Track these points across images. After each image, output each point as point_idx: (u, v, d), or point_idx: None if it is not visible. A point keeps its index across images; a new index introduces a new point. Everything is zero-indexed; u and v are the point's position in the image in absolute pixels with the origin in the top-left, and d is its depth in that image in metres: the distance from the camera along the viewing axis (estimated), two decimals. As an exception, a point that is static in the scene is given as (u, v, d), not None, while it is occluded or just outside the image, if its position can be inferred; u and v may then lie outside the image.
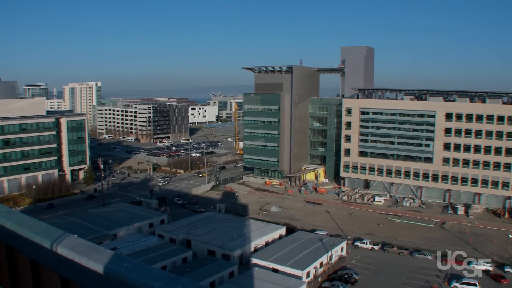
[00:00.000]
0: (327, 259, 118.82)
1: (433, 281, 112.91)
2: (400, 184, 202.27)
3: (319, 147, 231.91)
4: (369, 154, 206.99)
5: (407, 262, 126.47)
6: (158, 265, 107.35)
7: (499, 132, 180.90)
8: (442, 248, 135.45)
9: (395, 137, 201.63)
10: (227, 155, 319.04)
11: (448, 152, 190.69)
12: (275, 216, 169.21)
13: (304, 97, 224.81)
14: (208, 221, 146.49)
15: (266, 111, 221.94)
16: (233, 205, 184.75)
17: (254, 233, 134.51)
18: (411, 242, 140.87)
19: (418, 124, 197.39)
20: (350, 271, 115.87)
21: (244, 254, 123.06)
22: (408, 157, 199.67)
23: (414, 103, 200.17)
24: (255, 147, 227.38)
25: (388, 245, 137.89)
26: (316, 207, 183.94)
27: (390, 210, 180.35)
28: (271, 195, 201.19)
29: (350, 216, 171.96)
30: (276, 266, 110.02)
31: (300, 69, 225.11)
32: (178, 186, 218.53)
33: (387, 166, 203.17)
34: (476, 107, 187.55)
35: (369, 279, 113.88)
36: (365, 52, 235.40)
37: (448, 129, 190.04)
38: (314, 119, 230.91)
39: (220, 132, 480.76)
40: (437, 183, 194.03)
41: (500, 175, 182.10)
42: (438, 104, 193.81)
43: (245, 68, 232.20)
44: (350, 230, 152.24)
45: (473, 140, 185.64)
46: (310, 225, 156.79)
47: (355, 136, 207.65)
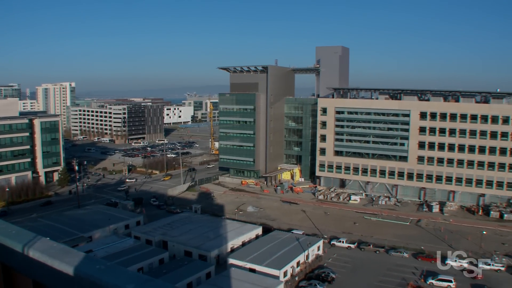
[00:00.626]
0: (304, 258, 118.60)
1: (409, 278, 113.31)
2: (376, 182, 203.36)
3: (294, 147, 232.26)
4: (345, 153, 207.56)
5: (384, 260, 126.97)
6: (135, 267, 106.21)
7: (472, 131, 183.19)
8: (418, 245, 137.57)
9: (370, 136, 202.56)
10: (203, 155, 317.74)
11: (423, 150, 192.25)
12: (252, 216, 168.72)
13: (279, 97, 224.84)
14: (185, 222, 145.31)
15: (241, 111, 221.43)
16: (209, 206, 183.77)
17: (230, 233, 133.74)
18: (387, 240, 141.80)
19: (393, 123, 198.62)
20: (327, 270, 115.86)
21: (221, 254, 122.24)
22: (383, 156, 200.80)
23: (389, 103, 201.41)
24: (230, 147, 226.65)
25: (364, 243, 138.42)
26: (292, 206, 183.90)
27: (366, 209, 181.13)
28: (247, 195, 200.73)
29: (326, 215, 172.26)
30: (253, 266, 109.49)
31: (275, 69, 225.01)
32: (154, 187, 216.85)
33: (362, 165, 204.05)
34: (450, 106, 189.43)
35: (346, 278, 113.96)
36: (340, 52, 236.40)
37: (422, 128, 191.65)
38: (290, 118, 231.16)
39: (195, 133, 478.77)
40: (412, 181, 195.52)
41: (474, 173, 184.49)
42: (413, 103, 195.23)
43: (220, 68, 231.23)
44: (326, 229, 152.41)
45: (447, 138, 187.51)
46: (286, 225, 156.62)
47: (330, 135, 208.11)
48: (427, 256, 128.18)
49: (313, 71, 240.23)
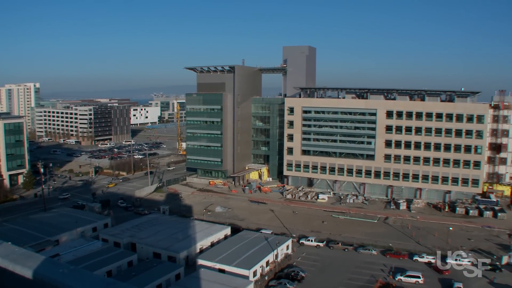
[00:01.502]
0: (273, 258, 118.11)
1: (378, 275, 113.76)
2: (343, 181, 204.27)
3: (262, 147, 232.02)
4: (312, 153, 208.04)
5: (352, 257, 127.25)
6: (103, 270, 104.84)
7: (438, 129, 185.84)
8: (386, 242, 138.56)
9: (337, 135, 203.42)
10: (170, 156, 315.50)
11: (390, 149, 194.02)
12: (220, 216, 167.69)
13: (246, 97, 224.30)
14: (153, 223, 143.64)
15: (208, 111, 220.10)
16: (178, 207, 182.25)
17: (199, 234, 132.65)
18: (356, 238, 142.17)
19: (360, 122, 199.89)
20: (296, 268, 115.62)
21: (190, 255, 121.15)
22: (351, 155, 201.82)
23: (355, 102, 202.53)
24: (198, 148, 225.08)
25: (333, 241, 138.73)
26: (261, 206, 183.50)
27: (334, 207, 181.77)
28: (215, 196, 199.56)
29: (294, 214, 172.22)
30: (222, 267, 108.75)
31: (242, 69, 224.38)
32: (121, 188, 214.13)
33: (330, 164, 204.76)
34: (416, 105, 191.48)
35: (315, 276, 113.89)
36: (307, 51, 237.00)
37: (389, 127, 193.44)
38: (257, 118, 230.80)
39: (162, 133, 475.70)
40: (379, 179, 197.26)
41: (439, 170, 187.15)
42: (379, 102, 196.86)
43: (187, 68, 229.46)
44: (295, 228, 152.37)
45: (413, 137, 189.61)
46: (255, 224, 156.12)
47: (297, 135, 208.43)
48: (395, 253, 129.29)
49: (280, 71, 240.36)
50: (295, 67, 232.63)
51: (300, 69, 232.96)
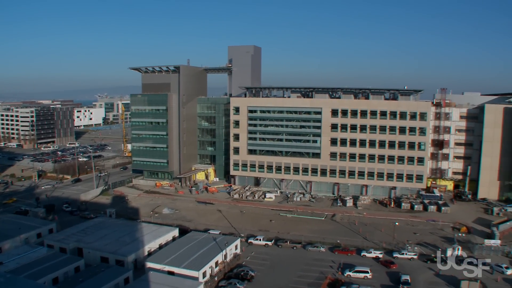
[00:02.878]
0: (222, 258, 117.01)
1: (327, 271, 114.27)
2: (290, 180, 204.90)
3: (208, 147, 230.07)
4: (258, 152, 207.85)
5: (301, 255, 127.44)
6: (49, 277, 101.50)
7: (382, 127, 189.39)
8: (334, 239, 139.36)
9: (283, 134, 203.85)
10: (115, 158, 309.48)
11: (335, 147, 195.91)
12: (167, 218, 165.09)
13: (192, 97, 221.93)
14: (99, 227, 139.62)
15: (153, 111, 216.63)
16: (124, 209, 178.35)
17: (147, 236, 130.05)
18: (304, 235, 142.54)
19: (305, 121, 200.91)
20: (246, 268, 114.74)
21: (138, 258, 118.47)
22: (297, 153, 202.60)
23: (301, 101, 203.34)
24: (143, 149, 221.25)
25: (281, 240, 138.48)
26: (208, 206, 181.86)
27: (282, 206, 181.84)
28: (162, 197, 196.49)
29: (242, 214, 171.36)
30: (171, 269, 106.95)
31: (187, 69, 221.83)
32: (66, 192, 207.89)
33: (276, 163, 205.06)
34: (360, 103, 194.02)
35: (265, 275, 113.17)
36: (252, 51, 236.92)
37: (334, 125, 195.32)
38: (203, 118, 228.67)
39: (107, 135, 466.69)
40: (326, 177, 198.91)
41: (385, 167, 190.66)
42: (324, 101, 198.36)
43: (132, 69, 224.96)
44: (243, 227, 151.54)
45: (358, 134, 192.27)
46: (203, 225, 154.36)
47: (243, 134, 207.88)
48: (344, 249, 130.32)
49: (226, 71, 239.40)
50: (240, 66, 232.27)
51: (245, 69, 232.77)
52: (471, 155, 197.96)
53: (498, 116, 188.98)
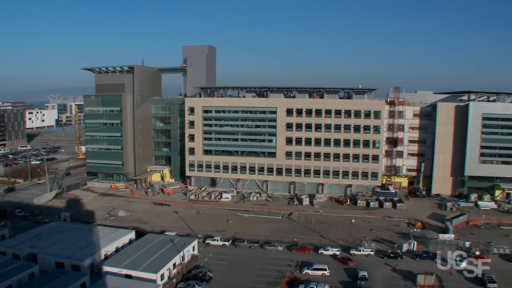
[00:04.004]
0: (180, 259, 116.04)
1: (285, 270, 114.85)
2: (246, 179, 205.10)
3: (163, 148, 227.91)
4: (214, 152, 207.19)
5: (259, 254, 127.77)
6: (2, 285, 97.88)
7: (337, 125, 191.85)
8: (291, 238, 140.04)
9: (238, 134, 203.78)
10: (69, 160, 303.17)
11: (291, 146, 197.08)
12: (124, 220, 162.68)
13: (146, 97, 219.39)
14: (54, 232, 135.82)
15: (107, 112, 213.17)
16: (79, 213, 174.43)
17: (103, 240, 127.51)
18: (261, 235, 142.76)
19: (261, 120, 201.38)
20: (204, 269, 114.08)
21: (94, 262, 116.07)
22: (253, 153, 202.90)
23: (256, 100, 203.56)
24: (98, 151, 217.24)
25: (238, 240, 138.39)
26: (164, 208, 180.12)
27: (238, 206, 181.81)
28: (117, 199, 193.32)
29: (199, 215, 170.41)
30: (129, 272, 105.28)
31: (141, 69, 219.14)
32: (18, 196, 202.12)
33: (232, 162, 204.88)
34: (315, 102, 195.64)
35: (223, 275, 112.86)
36: (207, 51, 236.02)
37: (289, 124, 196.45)
38: (158, 119, 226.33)
39: (60, 137, 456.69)
40: (282, 176, 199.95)
41: (340, 165, 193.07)
42: (279, 100, 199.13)
43: (85, 69, 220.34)
44: (200, 228, 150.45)
45: (313, 133, 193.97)
46: (159, 227, 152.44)
47: (198, 134, 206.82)
48: (301, 248, 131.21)
49: (180, 71, 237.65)
50: (195, 66, 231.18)
51: (200, 69, 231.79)
52: (425, 152, 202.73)
53: (450, 114, 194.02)
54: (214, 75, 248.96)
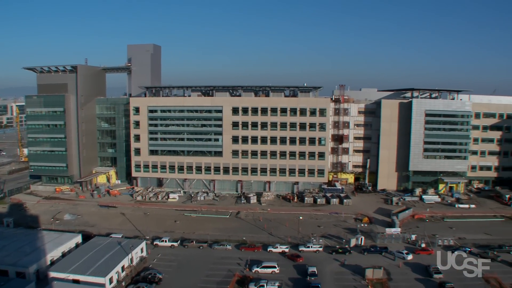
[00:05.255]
0: (128, 262, 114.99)
1: (235, 269, 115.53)
2: (193, 179, 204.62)
3: (109, 148, 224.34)
4: (160, 152, 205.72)
5: (208, 254, 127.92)
6: None
7: (283, 123, 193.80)
8: (239, 237, 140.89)
9: (184, 134, 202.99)
10: (11, 163, 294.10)
11: (237, 145, 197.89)
12: (69, 224, 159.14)
13: (90, 98, 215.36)
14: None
15: (50, 113, 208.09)
16: (23, 218, 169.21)
17: (48, 245, 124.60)
18: (210, 234, 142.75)
19: (207, 119, 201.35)
20: (153, 271, 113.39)
21: (40, 268, 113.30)
22: (199, 152, 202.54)
23: (201, 99, 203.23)
24: (41, 153, 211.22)
25: (187, 240, 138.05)
26: (111, 210, 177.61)
27: (186, 206, 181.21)
28: (62, 203, 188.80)
29: (146, 216, 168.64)
30: (76, 277, 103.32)
31: (85, 69, 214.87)
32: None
33: (178, 162, 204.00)
34: (261, 101, 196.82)
35: (173, 276, 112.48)
36: (151, 49, 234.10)
37: (235, 123, 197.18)
38: (102, 119, 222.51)
39: (1, 140, 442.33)
40: (229, 175, 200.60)
41: (287, 163, 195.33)
42: (225, 99, 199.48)
43: (26, 68, 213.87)
44: (148, 229, 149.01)
45: (259, 132, 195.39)
46: (106, 229, 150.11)
47: (144, 135, 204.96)
48: (250, 246, 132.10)
49: (125, 70, 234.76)
50: (140, 65, 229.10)
51: (145, 68, 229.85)
52: (370, 149, 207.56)
53: (394, 111, 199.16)
54: (159, 74, 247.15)
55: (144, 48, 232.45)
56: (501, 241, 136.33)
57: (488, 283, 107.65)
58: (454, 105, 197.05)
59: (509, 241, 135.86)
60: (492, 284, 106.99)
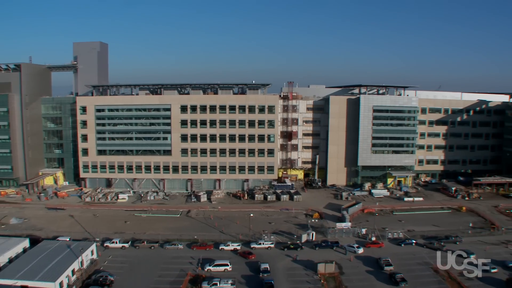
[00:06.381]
0: (78, 265, 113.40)
1: (187, 268, 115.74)
2: (143, 179, 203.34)
3: (55, 149, 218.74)
4: (108, 152, 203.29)
5: (160, 254, 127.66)
6: None
7: (231, 121, 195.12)
8: (191, 235, 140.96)
9: (133, 133, 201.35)
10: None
11: (186, 143, 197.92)
12: (16, 228, 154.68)
13: (35, 97, 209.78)
14: None
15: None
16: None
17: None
18: (161, 234, 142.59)
19: (155, 118, 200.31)
20: (104, 273, 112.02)
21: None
22: (148, 152, 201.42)
23: (149, 98, 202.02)
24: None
25: (138, 241, 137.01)
26: (59, 212, 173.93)
27: (136, 206, 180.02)
28: (8, 206, 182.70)
29: (95, 217, 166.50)
30: (24, 283, 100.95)
31: (29, 67, 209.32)
32: None
33: (127, 162, 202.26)
34: (209, 98, 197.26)
35: (125, 278, 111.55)
36: (98, 47, 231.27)
37: (184, 121, 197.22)
38: (48, 120, 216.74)
39: None
40: (178, 174, 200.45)
41: (236, 161, 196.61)
42: (173, 97, 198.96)
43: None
44: (98, 231, 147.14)
45: (208, 130, 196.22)
46: (55, 233, 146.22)
47: (92, 134, 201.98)
48: (201, 245, 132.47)
49: (71, 68, 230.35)
50: (86, 64, 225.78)
51: (92, 66, 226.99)
52: (319, 145, 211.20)
53: (342, 107, 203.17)
54: (106, 72, 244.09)
55: (90, 46, 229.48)
56: (448, 232, 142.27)
57: (437, 273, 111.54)
58: (401, 101, 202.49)
59: (455, 232, 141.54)
60: (441, 274, 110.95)
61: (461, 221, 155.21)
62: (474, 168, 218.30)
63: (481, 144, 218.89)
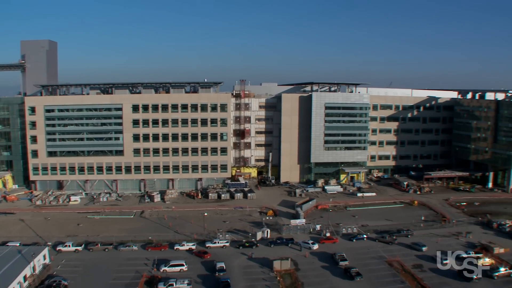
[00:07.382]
0: (30, 271, 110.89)
1: (142, 269, 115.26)
2: (95, 180, 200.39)
3: (3, 152, 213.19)
4: (59, 153, 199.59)
5: (114, 256, 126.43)
6: None
7: (184, 120, 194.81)
8: (145, 236, 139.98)
9: (84, 133, 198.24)
10: None
11: (138, 143, 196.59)
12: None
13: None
14: None
15: None
16: None
17: None
18: (115, 236, 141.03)
19: (106, 118, 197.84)
20: (57, 278, 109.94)
21: None
22: (100, 152, 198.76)
23: (100, 97, 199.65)
24: None
25: (92, 243, 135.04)
26: (8, 217, 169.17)
27: (88, 208, 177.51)
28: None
29: (47, 221, 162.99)
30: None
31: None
32: None
33: (78, 163, 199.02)
34: (161, 97, 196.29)
35: (79, 282, 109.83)
36: (47, 46, 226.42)
37: (136, 121, 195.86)
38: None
39: None
40: (131, 174, 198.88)
41: (189, 160, 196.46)
42: (124, 97, 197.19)
43: None
44: (49, 235, 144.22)
45: (161, 129, 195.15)
46: (4, 238, 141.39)
47: (41, 136, 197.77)
48: (156, 245, 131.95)
49: (19, 68, 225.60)
50: (35, 63, 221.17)
51: (41, 65, 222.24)
52: (272, 142, 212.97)
53: (294, 104, 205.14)
54: (56, 71, 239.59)
55: (39, 44, 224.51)
56: (400, 225, 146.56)
57: (391, 266, 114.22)
58: (353, 98, 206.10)
59: (408, 226, 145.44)
60: (395, 267, 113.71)
61: (413, 215, 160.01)
62: (425, 163, 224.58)
63: (432, 139, 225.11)
